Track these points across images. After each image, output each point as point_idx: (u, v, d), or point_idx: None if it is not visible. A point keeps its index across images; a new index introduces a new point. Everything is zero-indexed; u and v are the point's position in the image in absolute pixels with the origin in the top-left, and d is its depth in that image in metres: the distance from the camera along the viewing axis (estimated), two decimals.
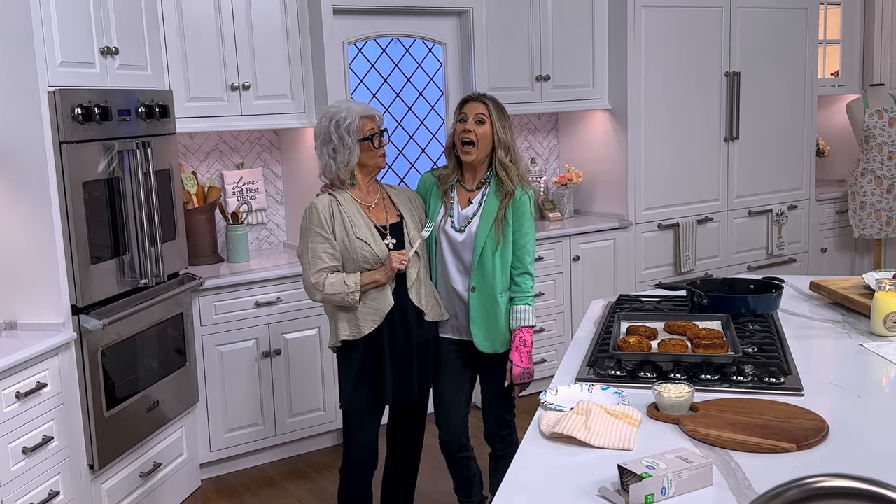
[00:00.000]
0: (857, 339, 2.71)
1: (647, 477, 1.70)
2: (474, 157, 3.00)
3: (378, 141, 2.97)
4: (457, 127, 3.02)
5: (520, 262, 3.03)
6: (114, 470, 3.38)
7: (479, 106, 3.00)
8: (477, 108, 2.99)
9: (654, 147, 5.16)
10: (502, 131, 2.99)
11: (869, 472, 1.81)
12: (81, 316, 3.16)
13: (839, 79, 6.24)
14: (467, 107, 3.02)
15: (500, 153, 2.99)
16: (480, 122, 2.98)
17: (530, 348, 3.04)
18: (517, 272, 3.03)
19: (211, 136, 4.45)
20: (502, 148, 2.99)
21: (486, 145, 2.99)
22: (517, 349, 3.01)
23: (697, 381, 2.31)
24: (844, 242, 6.22)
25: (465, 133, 2.98)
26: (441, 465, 3.29)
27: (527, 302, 3.04)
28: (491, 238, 2.97)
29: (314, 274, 2.90)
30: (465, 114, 3.00)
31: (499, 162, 2.99)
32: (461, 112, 3.03)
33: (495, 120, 2.98)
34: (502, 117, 3.01)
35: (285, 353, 4.12)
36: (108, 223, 3.31)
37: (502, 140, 2.99)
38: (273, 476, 4.10)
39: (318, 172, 3.05)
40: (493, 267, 2.99)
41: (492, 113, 2.98)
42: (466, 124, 2.98)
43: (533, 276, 3.07)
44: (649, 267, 5.22)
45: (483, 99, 3.02)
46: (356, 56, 4.43)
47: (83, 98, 3.14)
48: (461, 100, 3.09)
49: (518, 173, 3.02)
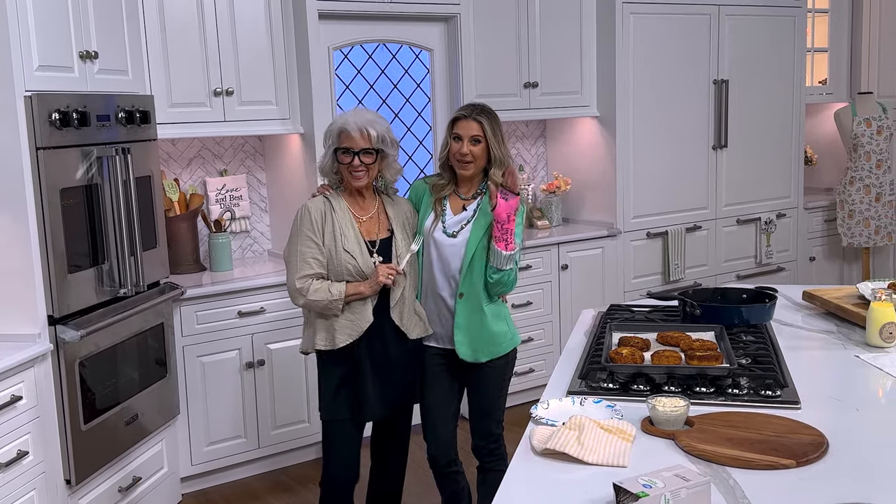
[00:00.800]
0: (852, 350, 2.67)
1: (644, 496, 1.64)
2: (472, 172, 2.94)
3: (350, 157, 2.85)
4: (452, 146, 2.94)
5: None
6: (92, 485, 3.29)
7: (473, 126, 2.90)
8: (471, 130, 2.90)
9: (643, 155, 5.11)
10: (498, 148, 2.91)
11: (871, 488, 1.77)
12: (58, 326, 3.07)
13: (827, 87, 6.23)
14: (460, 126, 2.93)
15: (494, 171, 2.92)
16: (476, 142, 2.91)
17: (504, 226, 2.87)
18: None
19: (193, 143, 4.37)
20: (497, 165, 2.92)
21: (483, 160, 2.94)
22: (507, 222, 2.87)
23: (692, 394, 2.26)
24: (833, 251, 6.20)
25: (462, 155, 2.91)
26: (427, 479, 3.21)
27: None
28: (483, 245, 2.91)
29: (300, 279, 2.84)
30: (460, 134, 2.92)
31: (493, 180, 2.91)
32: (454, 130, 2.94)
33: (490, 138, 2.90)
34: (497, 132, 2.92)
35: (269, 363, 4.03)
36: (87, 231, 3.22)
37: (497, 157, 2.92)
38: (256, 489, 4.01)
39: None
40: (482, 275, 2.92)
41: (487, 132, 2.90)
42: (462, 146, 2.91)
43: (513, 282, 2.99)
44: (638, 276, 5.17)
45: (476, 117, 2.92)
46: (342, 62, 4.36)
47: (61, 103, 3.06)
48: (454, 116, 2.99)
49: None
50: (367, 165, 2.88)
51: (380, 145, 2.89)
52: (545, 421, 2.14)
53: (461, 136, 2.92)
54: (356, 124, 2.86)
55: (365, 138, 2.86)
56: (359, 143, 2.85)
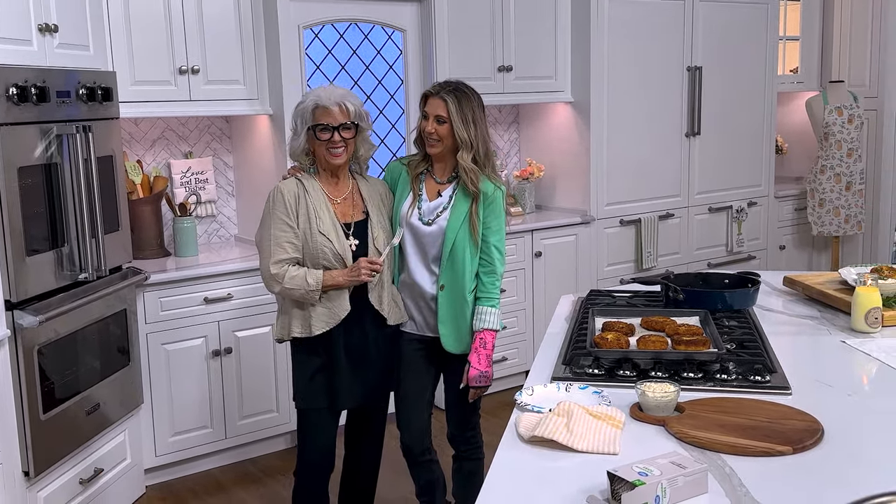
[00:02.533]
0: (837, 335, 2.63)
1: (641, 484, 1.57)
2: (439, 150, 2.84)
3: (329, 133, 2.74)
4: (420, 123, 2.85)
5: (489, 261, 2.88)
6: (51, 476, 3.15)
7: (438, 104, 2.79)
8: (437, 108, 2.79)
9: (617, 141, 5.06)
10: (463, 130, 2.78)
11: (869, 475, 1.71)
12: (16, 311, 2.93)
13: (798, 75, 6.22)
14: (429, 103, 2.83)
15: (462, 154, 2.80)
16: (441, 121, 2.80)
17: (491, 352, 2.88)
18: (485, 271, 2.88)
19: (157, 123, 4.22)
20: (465, 148, 2.79)
21: (451, 140, 2.82)
22: (476, 351, 2.85)
23: (679, 380, 2.19)
24: (802, 240, 6.21)
25: (427, 134, 2.82)
26: (402, 468, 3.13)
27: (492, 304, 2.88)
28: (463, 234, 2.82)
29: (274, 264, 2.73)
30: (427, 112, 2.83)
31: (461, 165, 2.81)
32: (423, 107, 2.86)
33: (455, 119, 2.77)
34: (464, 112, 2.79)
35: (236, 351, 3.91)
36: (46, 212, 3.08)
37: (464, 140, 2.79)
38: (223, 481, 3.89)
39: None
40: (463, 265, 2.83)
41: (451, 112, 2.77)
42: (428, 124, 2.81)
43: (501, 277, 2.92)
44: (612, 263, 5.12)
45: (443, 95, 2.80)
46: (312, 41, 4.24)
47: (18, 77, 2.92)
48: (423, 92, 2.90)
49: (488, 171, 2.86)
50: (347, 141, 2.77)
51: (357, 119, 2.78)
52: (531, 408, 2.07)
53: (427, 114, 2.83)
54: (332, 99, 2.75)
55: (344, 113, 2.75)
56: (338, 118, 2.74)
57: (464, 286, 2.85)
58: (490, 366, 2.87)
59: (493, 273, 2.89)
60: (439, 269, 2.86)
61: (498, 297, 2.91)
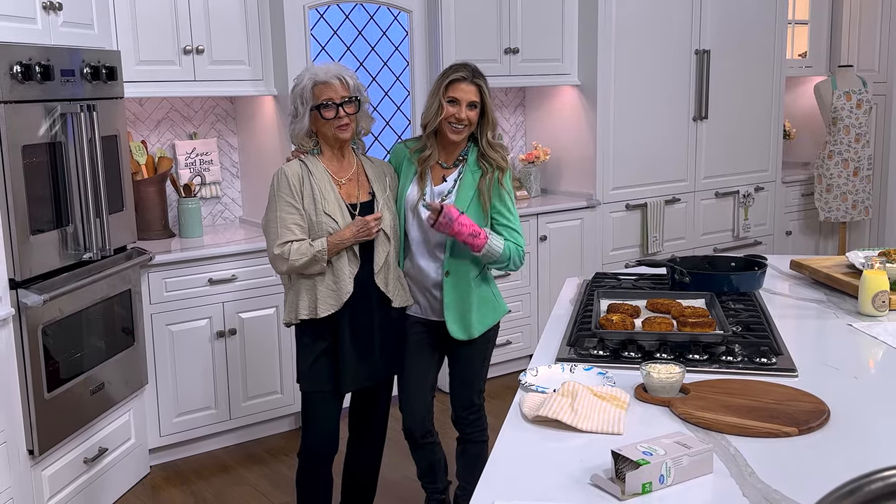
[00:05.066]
0: (844, 318, 2.61)
1: (645, 464, 1.56)
2: (464, 136, 2.81)
3: (333, 111, 2.73)
4: (447, 110, 2.76)
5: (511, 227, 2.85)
6: (56, 455, 3.16)
7: (472, 90, 2.75)
8: (470, 95, 2.75)
9: (623, 125, 5.03)
10: (493, 111, 2.81)
11: (875, 457, 1.70)
12: (20, 290, 2.93)
13: (807, 60, 6.17)
14: (457, 88, 2.76)
15: (488, 135, 2.80)
16: (474, 106, 2.77)
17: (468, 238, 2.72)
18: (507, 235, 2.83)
19: (162, 104, 4.20)
20: (491, 128, 2.81)
21: (475, 125, 2.81)
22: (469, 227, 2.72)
23: (685, 361, 2.18)
24: (809, 225, 6.18)
25: (458, 120, 2.76)
26: (405, 449, 3.13)
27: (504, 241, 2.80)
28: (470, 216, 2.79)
29: (279, 245, 2.71)
30: (457, 98, 2.76)
31: (487, 143, 2.80)
32: (449, 93, 2.76)
33: (488, 102, 2.78)
34: (490, 95, 2.81)
35: (241, 333, 3.91)
36: (50, 191, 3.07)
37: (493, 121, 2.80)
38: (227, 462, 3.90)
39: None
40: (468, 249, 2.81)
41: (485, 96, 2.77)
42: (459, 110, 2.75)
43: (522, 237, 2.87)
44: (617, 248, 5.11)
45: (476, 81, 2.77)
46: (318, 21, 4.22)
47: (23, 55, 2.90)
48: (450, 77, 2.78)
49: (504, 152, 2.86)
50: (350, 116, 2.75)
51: (356, 93, 2.77)
52: (535, 388, 2.06)
53: (458, 100, 2.76)
54: (330, 73, 2.73)
55: (344, 86, 2.74)
56: (339, 91, 2.72)
57: (468, 271, 2.84)
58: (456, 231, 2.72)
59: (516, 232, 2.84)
60: (444, 255, 2.85)
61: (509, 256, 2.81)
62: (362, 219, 2.72)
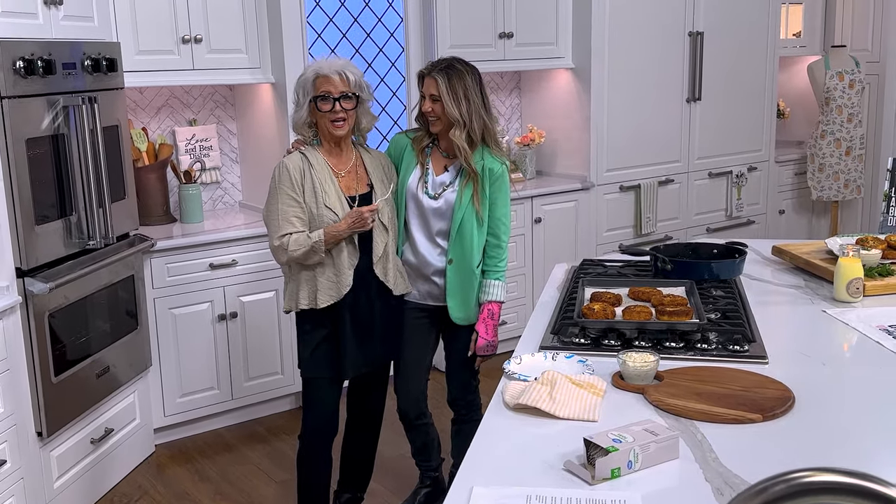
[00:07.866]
0: (819, 305, 2.70)
1: (614, 451, 1.67)
2: (440, 128, 2.91)
3: (330, 105, 2.80)
4: (420, 102, 2.94)
5: (494, 235, 2.97)
6: (63, 437, 3.28)
7: (431, 83, 2.87)
8: (430, 87, 2.87)
9: (617, 107, 5.10)
10: (454, 108, 2.83)
11: (836, 443, 1.80)
12: (27, 279, 3.03)
13: (801, 40, 6.22)
14: (424, 83, 2.91)
15: (455, 132, 2.86)
16: (434, 100, 2.87)
17: (497, 322, 3.02)
18: (491, 245, 2.98)
19: (161, 92, 4.29)
20: (457, 126, 2.85)
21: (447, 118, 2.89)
22: (485, 321, 2.98)
23: (662, 349, 2.28)
24: (802, 204, 6.26)
25: (426, 112, 2.90)
26: (401, 429, 3.24)
27: (498, 277, 3.00)
28: (471, 210, 2.90)
29: (280, 237, 2.79)
30: (423, 92, 2.91)
31: (454, 143, 2.87)
32: (420, 87, 2.94)
33: (445, 97, 2.83)
34: (455, 90, 2.84)
35: (242, 316, 4.02)
36: (54, 182, 3.17)
37: (454, 118, 2.84)
38: (230, 440, 4.03)
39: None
40: (471, 240, 2.92)
41: (441, 91, 2.84)
42: (425, 103, 2.90)
43: (506, 250, 3.01)
44: (611, 229, 5.20)
45: (434, 74, 2.87)
46: (314, 9, 4.28)
47: (25, 50, 2.98)
48: (418, 72, 2.98)
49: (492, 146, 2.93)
50: (348, 112, 2.82)
51: (357, 90, 2.84)
52: (517, 376, 2.16)
53: (423, 94, 2.91)
54: (332, 68, 2.81)
55: (344, 82, 2.80)
56: (338, 87, 2.79)
57: (472, 260, 2.94)
58: (496, 336, 3.01)
59: (499, 247, 2.98)
60: (448, 244, 2.94)
61: (503, 270, 3.01)
62: (357, 210, 2.80)
